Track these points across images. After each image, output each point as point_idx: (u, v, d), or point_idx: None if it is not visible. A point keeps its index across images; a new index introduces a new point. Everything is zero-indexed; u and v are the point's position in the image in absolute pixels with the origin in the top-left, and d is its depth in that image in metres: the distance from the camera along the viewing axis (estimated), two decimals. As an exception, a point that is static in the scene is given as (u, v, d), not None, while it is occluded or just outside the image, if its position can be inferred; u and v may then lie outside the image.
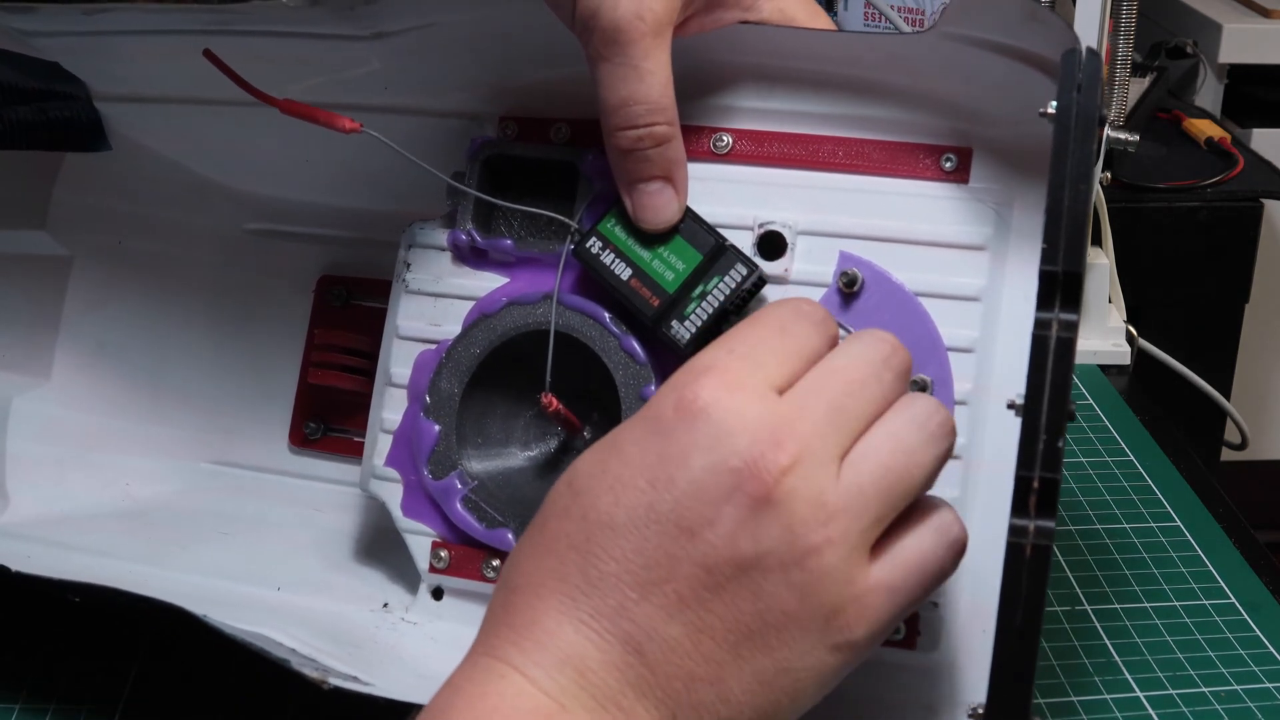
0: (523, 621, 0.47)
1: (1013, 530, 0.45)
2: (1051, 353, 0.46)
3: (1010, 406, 0.47)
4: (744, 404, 0.47)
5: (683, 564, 0.45)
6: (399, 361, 0.64)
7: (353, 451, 0.70)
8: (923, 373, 0.57)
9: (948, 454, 0.49)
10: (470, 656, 0.48)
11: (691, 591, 0.45)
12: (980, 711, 0.46)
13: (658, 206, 0.58)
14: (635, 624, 0.46)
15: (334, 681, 0.54)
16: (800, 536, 0.45)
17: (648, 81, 0.56)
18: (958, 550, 0.49)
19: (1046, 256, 0.47)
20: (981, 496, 0.57)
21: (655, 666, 0.45)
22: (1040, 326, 0.46)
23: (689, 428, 0.46)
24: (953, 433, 0.49)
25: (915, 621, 0.56)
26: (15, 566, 0.59)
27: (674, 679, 0.45)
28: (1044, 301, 0.47)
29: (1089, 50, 0.49)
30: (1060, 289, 0.46)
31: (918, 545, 0.48)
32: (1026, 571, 0.45)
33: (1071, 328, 0.46)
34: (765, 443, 0.46)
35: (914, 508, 0.48)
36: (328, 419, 0.72)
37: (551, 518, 0.48)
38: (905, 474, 0.47)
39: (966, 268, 0.58)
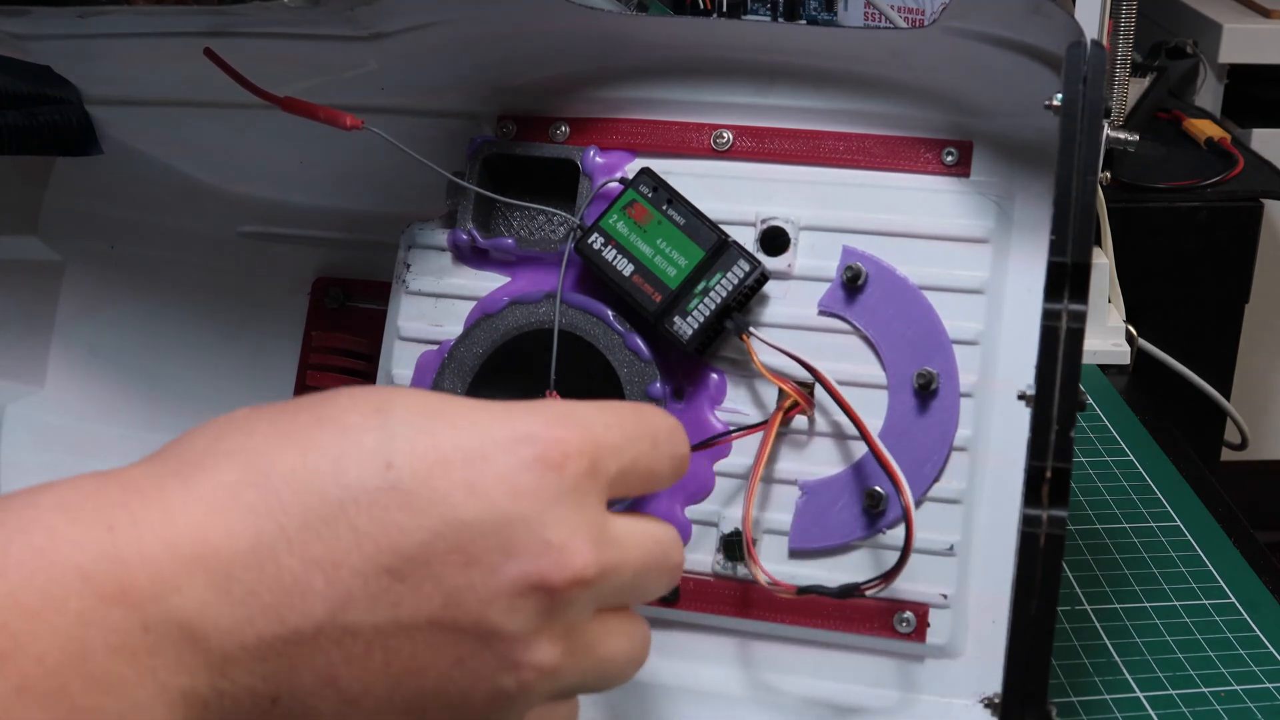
0: None
1: (1026, 520, 0.45)
2: (1062, 343, 0.46)
3: (1021, 397, 0.47)
4: None
5: None
6: (400, 363, 0.63)
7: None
8: (928, 366, 0.57)
9: None
10: None
11: None
12: (993, 700, 0.46)
13: None
14: None
15: None
16: None
17: None
18: None
19: (1055, 248, 0.47)
20: (988, 488, 0.57)
21: None
22: (1050, 318, 0.46)
23: None
24: None
25: (924, 614, 0.56)
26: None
27: None
28: (1052, 293, 0.47)
29: (1094, 42, 0.49)
30: (1069, 280, 0.46)
31: None
32: (1041, 561, 0.45)
33: (1080, 318, 0.46)
34: None
35: None
36: (326, 422, 0.72)
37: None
38: None
39: (969, 260, 0.58)
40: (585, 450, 0.42)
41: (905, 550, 0.53)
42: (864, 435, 0.56)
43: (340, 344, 0.71)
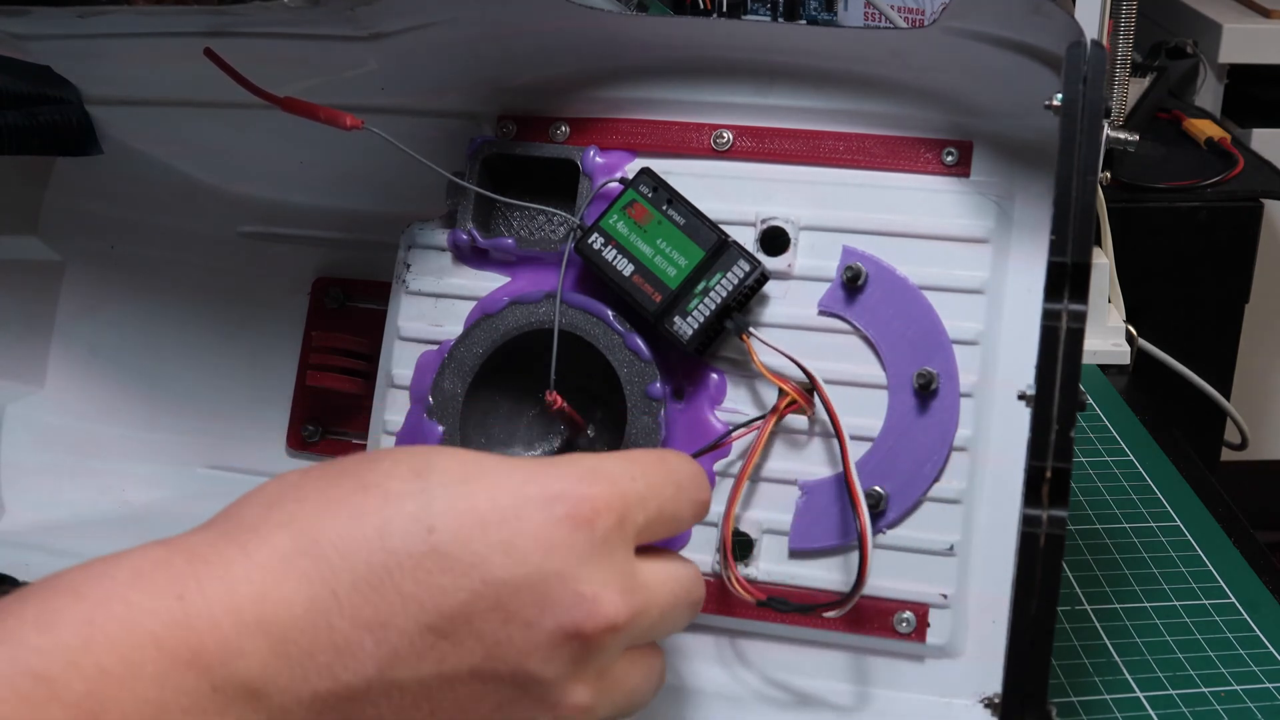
0: None
1: (1026, 520, 0.45)
2: (1062, 343, 0.46)
3: (1021, 397, 0.47)
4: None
5: None
6: (400, 363, 0.63)
7: (352, 454, 0.69)
8: (928, 366, 0.57)
9: None
10: None
11: None
12: (993, 700, 0.46)
13: None
14: None
15: None
16: None
17: None
18: None
19: (1055, 248, 0.47)
20: (988, 488, 0.57)
21: None
22: (1050, 318, 0.46)
23: None
24: None
25: (924, 614, 0.56)
26: (14, 575, 0.59)
27: None
28: (1052, 293, 0.47)
29: (1094, 42, 0.49)
30: (1069, 280, 0.47)
31: None
32: (1041, 561, 0.45)
33: (1080, 318, 0.46)
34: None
35: None
36: (326, 421, 0.72)
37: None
38: None
39: (969, 260, 0.58)
40: (614, 505, 0.45)
41: (860, 575, 0.54)
42: (842, 452, 0.56)
43: (340, 344, 0.71)
